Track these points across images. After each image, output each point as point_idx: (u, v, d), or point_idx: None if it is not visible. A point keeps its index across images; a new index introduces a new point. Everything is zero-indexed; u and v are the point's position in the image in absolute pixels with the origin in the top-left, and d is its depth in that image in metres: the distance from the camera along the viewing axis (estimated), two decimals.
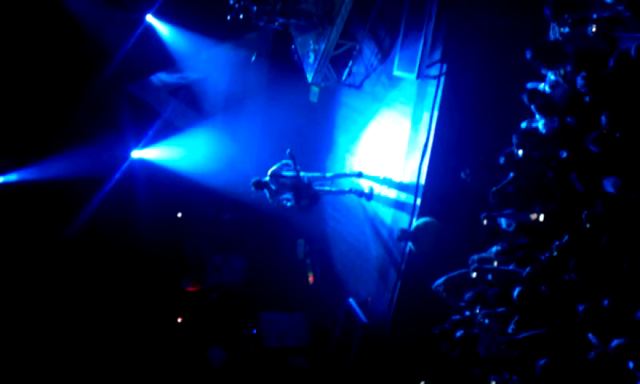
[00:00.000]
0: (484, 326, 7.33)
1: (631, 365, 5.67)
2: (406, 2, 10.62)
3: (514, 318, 6.94)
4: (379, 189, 11.22)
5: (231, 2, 11.52)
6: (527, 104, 7.26)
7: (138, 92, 14.88)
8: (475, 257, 8.04)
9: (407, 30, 10.54)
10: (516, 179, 7.43)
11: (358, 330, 10.98)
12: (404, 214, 10.41)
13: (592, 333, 6.18)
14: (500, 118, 8.51)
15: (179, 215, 15.91)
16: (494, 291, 7.51)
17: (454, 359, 8.18)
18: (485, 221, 7.78)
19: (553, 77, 7.18)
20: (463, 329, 7.94)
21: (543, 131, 7.07)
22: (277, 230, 14.56)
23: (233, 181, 14.08)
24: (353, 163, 12.17)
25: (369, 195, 11.36)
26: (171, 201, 15.46)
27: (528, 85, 7.55)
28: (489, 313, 7.36)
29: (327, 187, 11.52)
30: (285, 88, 13.84)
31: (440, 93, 9.88)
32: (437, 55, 10.05)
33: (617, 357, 5.81)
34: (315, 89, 13.18)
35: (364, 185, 11.56)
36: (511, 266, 7.58)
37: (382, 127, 11.42)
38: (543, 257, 6.90)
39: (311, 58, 11.88)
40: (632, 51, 6.22)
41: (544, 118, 7.07)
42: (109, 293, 14.48)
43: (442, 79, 9.88)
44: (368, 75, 11.90)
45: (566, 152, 6.86)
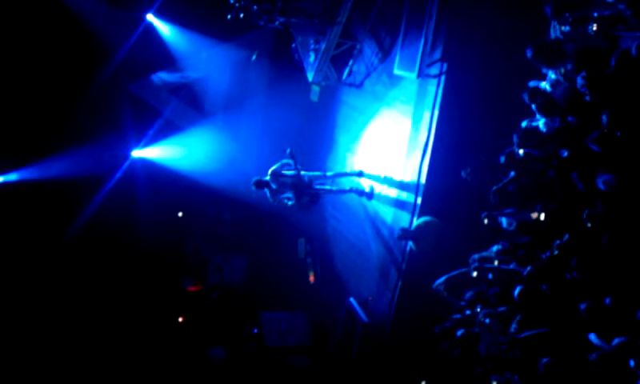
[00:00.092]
0: (485, 326, 7.32)
1: (632, 363, 5.66)
2: (407, 1, 10.60)
3: (516, 318, 6.93)
4: (380, 188, 11.22)
5: (232, 1, 11.50)
6: (528, 103, 7.25)
7: (139, 91, 14.87)
8: (476, 256, 8.04)
9: (408, 29, 10.53)
10: (517, 178, 7.43)
11: (359, 330, 10.98)
12: (405, 213, 10.40)
13: (593, 331, 6.18)
14: (500, 117, 8.52)
15: (180, 215, 15.92)
16: (495, 290, 7.51)
17: (455, 359, 8.17)
18: (485, 220, 7.79)
19: (553, 76, 7.18)
20: (464, 328, 7.93)
21: (544, 130, 7.07)
22: (277, 230, 14.56)
23: (233, 180, 14.07)
24: (353, 162, 12.16)
25: (369, 194, 11.35)
26: (172, 200, 15.46)
27: (529, 83, 7.55)
28: (489, 312, 7.35)
29: (328, 186, 11.51)
30: (285, 87, 13.83)
31: (441, 92, 9.87)
32: (437, 54, 10.04)
33: (618, 355, 5.81)
34: (316, 88, 13.17)
35: (365, 184, 11.55)
36: (512, 265, 7.58)
37: (383, 126, 11.42)
38: (544, 256, 6.90)
39: (312, 57, 11.88)
40: (633, 50, 6.21)
41: (545, 118, 7.07)
42: (110, 292, 14.48)
43: (443, 78, 9.88)
44: (368, 74, 11.89)
45: (567, 151, 6.86)
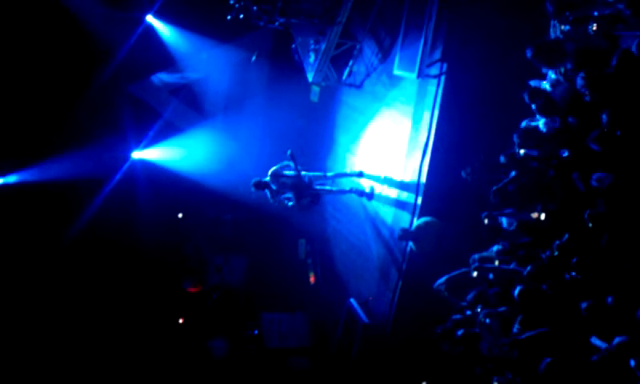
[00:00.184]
0: (485, 326, 7.31)
1: (632, 363, 5.65)
2: (407, 2, 10.60)
3: (518, 318, 6.91)
4: (380, 188, 11.21)
5: (231, 2, 11.50)
6: (528, 103, 7.25)
7: (139, 92, 14.86)
8: (476, 256, 8.03)
9: (407, 30, 10.53)
10: (517, 178, 7.42)
11: (360, 330, 10.96)
12: (405, 214, 10.39)
13: (593, 331, 6.17)
14: (500, 117, 8.52)
15: (180, 216, 15.90)
16: (495, 290, 7.50)
17: (456, 359, 8.16)
18: (486, 220, 7.79)
19: (553, 75, 7.18)
20: (464, 328, 7.92)
21: (544, 130, 7.07)
22: (278, 230, 14.55)
23: (233, 181, 14.07)
24: (353, 163, 12.16)
25: (369, 195, 11.35)
26: (172, 201, 15.45)
27: (530, 83, 7.54)
28: (490, 312, 7.34)
29: (328, 187, 11.51)
30: (285, 88, 13.83)
31: (440, 92, 9.87)
32: (437, 54, 10.04)
33: (618, 355, 5.80)
34: (316, 88, 13.18)
35: (365, 184, 11.55)
36: (512, 265, 7.57)
37: (383, 126, 11.41)
38: (544, 256, 6.90)
39: (312, 58, 11.87)
40: (633, 48, 6.21)
41: (544, 118, 7.07)
42: (110, 294, 14.47)
43: (443, 78, 9.87)
44: (368, 74, 11.89)
45: (567, 151, 6.85)
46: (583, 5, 6.81)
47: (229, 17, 11.65)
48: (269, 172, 10.86)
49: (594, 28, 6.63)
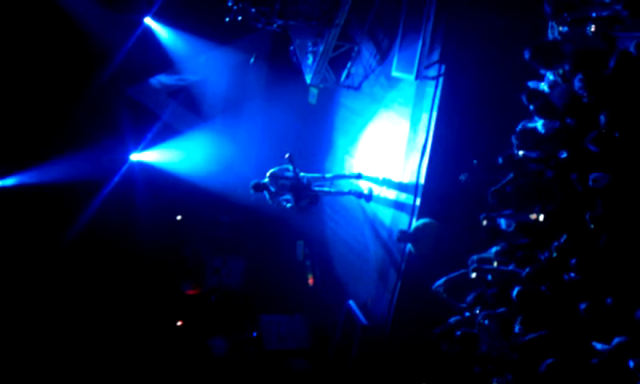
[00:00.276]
0: (484, 327, 7.31)
1: (632, 364, 5.65)
2: (405, 3, 10.62)
3: (518, 319, 6.91)
4: (378, 190, 11.21)
5: (229, 4, 11.51)
6: (526, 104, 7.25)
7: (137, 94, 14.86)
8: (475, 257, 8.02)
9: (405, 31, 10.54)
10: (515, 179, 7.42)
11: (358, 332, 10.96)
12: (403, 215, 10.39)
13: (593, 332, 6.17)
14: (499, 119, 8.52)
15: (179, 218, 15.89)
16: (493, 291, 7.50)
17: (455, 360, 8.15)
18: (484, 221, 7.78)
19: (551, 76, 7.18)
20: (463, 329, 7.91)
21: (542, 131, 7.07)
22: (276, 232, 14.54)
23: (232, 183, 14.06)
24: (352, 164, 12.16)
25: (368, 196, 11.34)
26: (170, 203, 15.44)
27: (528, 84, 7.54)
28: (489, 313, 7.34)
29: (326, 188, 11.50)
30: (283, 90, 13.83)
31: (439, 93, 9.87)
32: (435, 56, 10.05)
33: (618, 355, 5.80)
34: (314, 90, 13.17)
35: (363, 186, 11.54)
36: (511, 267, 7.56)
37: (381, 128, 11.42)
38: (543, 257, 6.90)
39: (310, 60, 11.87)
40: (632, 49, 6.21)
41: (543, 119, 7.07)
42: (109, 296, 14.45)
43: (441, 80, 9.88)
44: (367, 76, 11.89)
45: (566, 152, 6.85)
46: (581, 6, 6.81)
47: (227, 19, 11.66)
48: (267, 174, 10.86)
49: (592, 29, 6.64)
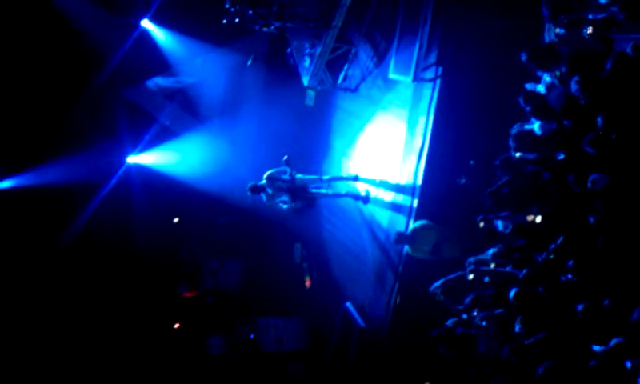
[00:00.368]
0: (482, 328, 7.31)
1: (629, 365, 5.66)
2: (402, 6, 10.63)
3: (518, 318, 6.90)
4: (376, 192, 11.21)
5: (227, 6, 11.51)
6: (523, 106, 7.26)
7: (134, 97, 14.85)
8: (472, 259, 8.02)
9: (403, 33, 10.56)
10: (512, 180, 7.42)
11: (356, 334, 10.96)
12: (401, 217, 10.39)
13: (590, 333, 6.18)
14: (496, 121, 8.51)
15: (176, 220, 15.88)
16: (491, 292, 7.50)
17: (453, 362, 8.15)
18: (481, 223, 7.79)
19: (548, 78, 7.19)
20: (461, 331, 7.90)
21: (539, 133, 7.07)
22: (273, 234, 14.53)
23: (229, 185, 14.06)
24: (349, 166, 12.16)
25: (365, 198, 11.34)
26: (167, 206, 15.43)
27: (526, 86, 7.55)
28: (486, 315, 7.34)
29: (324, 190, 11.50)
30: (281, 92, 13.83)
31: (436, 95, 9.88)
32: (432, 58, 10.06)
33: (615, 356, 5.81)
34: (311, 92, 13.18)
35: (360, 188, 11.54)
36: (508, 268, 7.57)
37: (378, 130, 11.42)
38: (540, 258, 6.90)
39: (307, 62, 11.87)
40: (629, 50, 6.23)
41: (540, 121, 7.08)
42: (106, 299, 14.43)
43: (438, 82, 9.90)
44: (364, 78, 11.90)
45: (563, 154, 6.86)
46: (578, 8, 6.82)
47: (224, 21, 11.66)
48: (264, 175, 10.86)
49: (589, 31, 6.65)
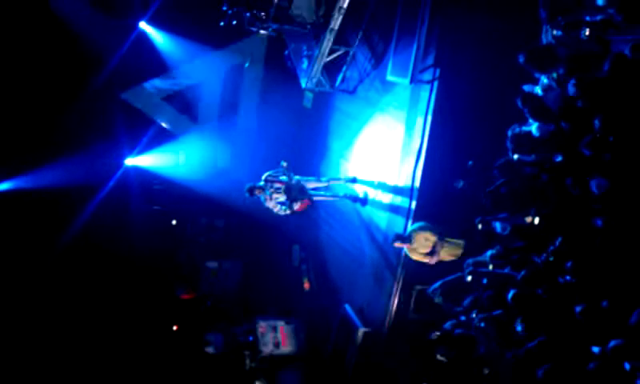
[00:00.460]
0: (481, 330, 7.32)
1: (628, 366, 5.67)
2: (399, 7, 10.63)
3: (518, 319, 6.90)
4: (374, 194, 11.21)
5: (224, 8, 11.52)
6: (521, 108, 7.27)
7: (132, 99, 14.86)
8: (470, 260, 8.03)
9: (400, 35, 10.55)
10: (510, 181, 7.43)
11: (354, 336, 10.95)
12: (399, 219, 10.39)
13: (589, 335, 6.18)
14: (494, 122, 8.51)
15: (174, 223, 15.88)
16: (489, 294, 7.51)
17: (452, 364, 8.15)
18: (480, 225, 7.79)
19: (546, 80, 7.20)
20: (459, 332, 7.91)
21: (536, 135, 7.08)
22: (271, 236, 14.54)
23: (227, 186, 14.06)
24: (347, 168, 12.16)
25: (363, 200, 11.34)
26: (165, 208, 15.43)
27: (524, 88, 7.56)
28: (485, 316, 7.35)
29: (322, 192, 11.49)
30: (278, 94, 13.84)
31: (433, 97, 9.87)
32: (430, 60, 10.06)
33: (614, 358, 5.81)
34: (309, 94, 13.18)
35: (358, 190, 11.55)
36: (507, 270, 7.57)
37: (376, 132, 11.42)
38: (538, 260, 6.91)
39: (305, 64, 11.87)
40: (627, 51, 6.24)
41: (537, 122, 7.09)
42: (104, 301, 14.43)
43: (436, 84, 9.88)
44: (362, 80, 11.90)
45: (561, 156, 6.87)
46: (575, 10, 6.83)
47: (222, 23, 11.67)
48: (262, 177, 10.86)
49: (587, 33, 6.66)
